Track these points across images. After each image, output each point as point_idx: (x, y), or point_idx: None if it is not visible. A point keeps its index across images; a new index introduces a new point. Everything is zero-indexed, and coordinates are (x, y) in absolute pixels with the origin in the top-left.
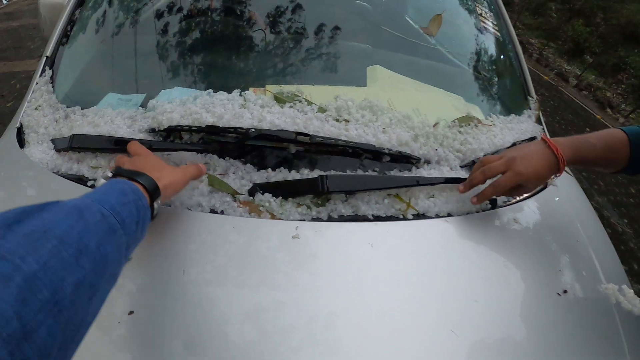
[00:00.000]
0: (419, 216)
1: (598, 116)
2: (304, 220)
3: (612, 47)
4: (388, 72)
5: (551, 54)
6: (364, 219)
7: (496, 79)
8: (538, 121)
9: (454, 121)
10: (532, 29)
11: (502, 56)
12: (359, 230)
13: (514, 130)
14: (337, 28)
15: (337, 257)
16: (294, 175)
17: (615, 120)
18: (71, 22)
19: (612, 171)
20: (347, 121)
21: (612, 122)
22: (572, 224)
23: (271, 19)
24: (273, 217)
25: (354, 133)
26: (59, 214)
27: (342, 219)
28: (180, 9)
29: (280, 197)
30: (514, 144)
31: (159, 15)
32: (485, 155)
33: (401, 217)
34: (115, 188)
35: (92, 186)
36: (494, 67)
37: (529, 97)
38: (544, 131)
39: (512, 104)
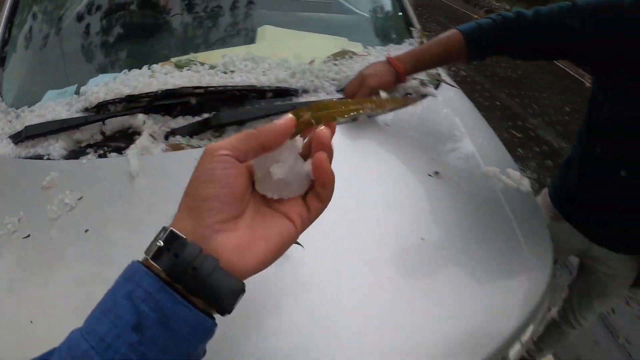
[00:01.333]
0: None
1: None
2: None
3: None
4: (277, 29)
5: None
6: None
7: (379, 17)
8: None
9: (329, 57)
10: None
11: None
12: None
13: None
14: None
15: None
16: (197, 119)
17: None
18: (5, 34)
19: (457, 64)
20: (232, 72)
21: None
22: (452, 122)
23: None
24: (188, 148)
25: (239, 80)
26: None
27: None
28: (97, 9)
29: (188, 137)
30: None
31: (79, 17)
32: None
33: None
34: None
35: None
36: (376, 8)
37: (411, 28)
38: None
39: (394, 36)
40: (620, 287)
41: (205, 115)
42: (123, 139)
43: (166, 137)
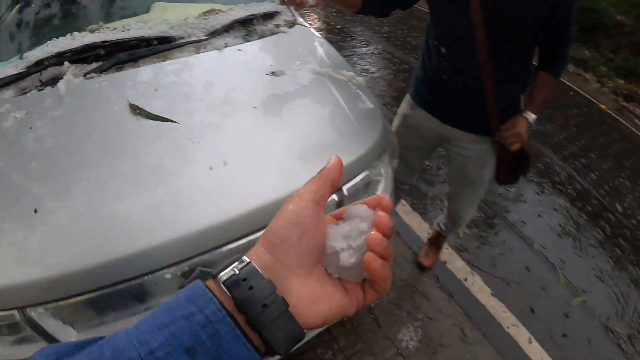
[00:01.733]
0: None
1: None
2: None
3: None
4: (166, 4)
5: None
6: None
7: None
8: (284, 3)
9: (199, 14)
10: None
11: None
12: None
13: (252, 9)
14: None
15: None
16: (107, 64)
17: None
18: None
19: (353, 11)
20: (128, 30)
21: None
22: (296, 46)
23: None
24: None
25: (132, 34)
26: None
27: None
28: None
29: (99, 73)
30: (251, 16)
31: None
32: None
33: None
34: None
35: None
36: None
37: None
38: (290, 10)
39: None
40: (479, 170)
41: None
42: (55, 81)
43: (84, 75)
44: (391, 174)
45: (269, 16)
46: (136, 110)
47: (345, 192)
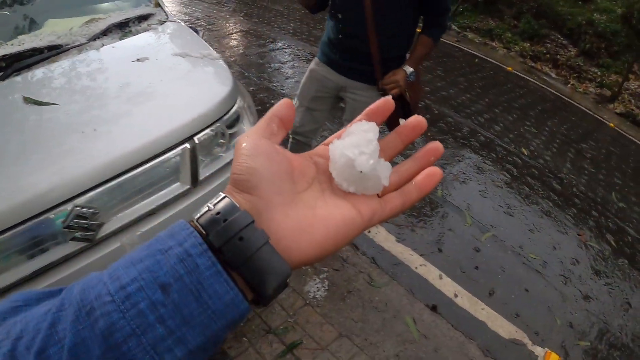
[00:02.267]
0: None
1: None
2: None
3: None
4: (58, 20)
5: None
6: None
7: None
8: (157, 5)
9: (82, 24)
10: None
11: None
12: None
13: (127, 13)
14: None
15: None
16: (6, 73)
17: None
18: None
19: (309, 7)
20: (23, 44)
21: None
22: (165, 38)
23: None
24: None
25: (27, 47)
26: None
27: None
28: None
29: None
30: (126, 19)
31: None
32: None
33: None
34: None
35: None
36: None
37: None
38: (163, 10)
39: (132, 2)
40: None
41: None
42: None
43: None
44: (251, 119)
45: (143, 18)
46: (27, 100)
47: (196, 141)
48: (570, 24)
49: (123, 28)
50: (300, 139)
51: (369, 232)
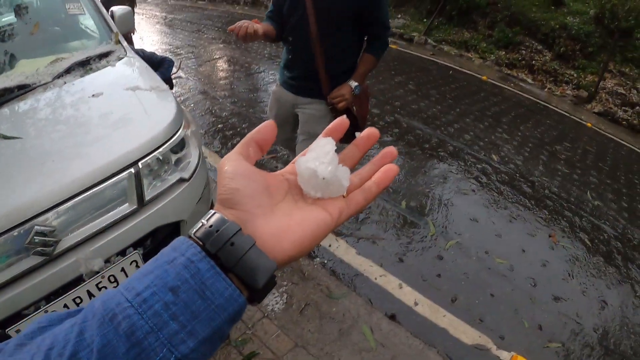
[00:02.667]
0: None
1: None
2: None
3: None
4: (30, 60)
5: None
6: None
7: (86, 35)
8: (117, 43)
9: (48, 64)
10: None
11: (91, 22)
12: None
13: (89, 52)
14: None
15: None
16: None
17: None
18: None
19: (273, 41)
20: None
21: None
22: (121, 73)
23: None
24: None
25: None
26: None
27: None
28: None
29: None
30: (87, 58)
31: None
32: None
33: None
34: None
35: None
36: (82, 29)
37: (112, 33)
38: (123, 47)
39: (96, 41)
40: (314, 125)
41: None
42: None
43: None
44: (196, 144)
45: (104, 55)
46: None
47: (140, 166)
48: (544, 29)
49: (85, 66)
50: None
51: (330, 245)
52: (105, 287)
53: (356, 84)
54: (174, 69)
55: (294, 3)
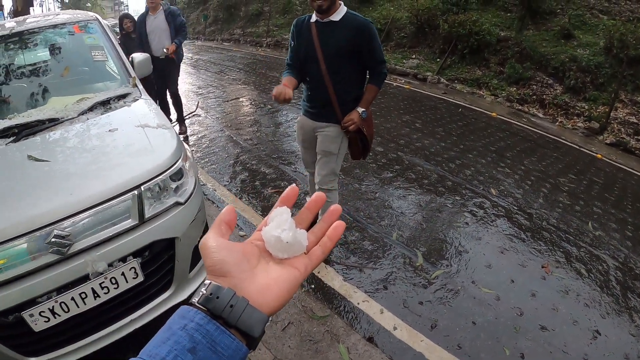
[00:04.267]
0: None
1: None
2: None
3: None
4: (59, 98)
5: None
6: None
7: (109, 78)
8: (134, 86)
9: (75, 102)
10: (283, 26)
11: (113, 67)
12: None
13: (110, 93)
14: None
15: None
16: (18, 137)
17: None
18: None
19: (296, 88)
20: (31, 116)
21: None
22: (134, 113)
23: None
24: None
25: (32, 119)
26: None
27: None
28: None
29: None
30: (108, 98)
31: None
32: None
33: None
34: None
35: None
36: (105, 73)
37: (130, 77)
38: (139, 90)
39: (115, 83)
40: (329, 144)
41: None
42: None
43: (6, 144)
44: (193, 174)
45: (122, 96)
46: (30, 157)
47: (142, 189)
48: (554, 62)
49: (106, 105)
50: (311, 171)
51: (318, 272)
52: (107, 287)
53: (363, 109)
54: (194, 107)
55: (307, 49)
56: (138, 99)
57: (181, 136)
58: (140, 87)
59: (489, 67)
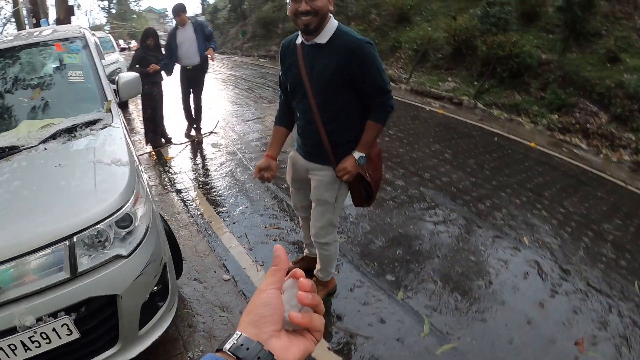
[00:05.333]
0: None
1: None
2: None
3: (387, 34)
4: (29, 121)
5: None
6: None
7: (82, 102)
8: (108, 111)
9: (39, 128)
10: None
11: (89, 89)
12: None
13: (77, 118)
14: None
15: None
16: None
17: (399, 89)
18: None
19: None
20: None
21: (397, 92)
22: (95, 144)
23: None
24: None
25: None
26: None
27: None
28: None
29: None
30: (74, 125)
31: None
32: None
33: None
34: None
35: None
36: (80, 96)
37: (105, 100)
38: (112, 115)
39: (90, 109)
40: (322, 191)
41: None
42: None
43: None
44: (147, 221)
45: (91, 123)
46: None
47: (74, 240)
48: (599, 88)
49: (71, 132)
50: (302, 215)
51: None
52: (39, 342)
53: (361, 154)
54: (213, 126)
55: (293, 79)
56: (107, 127)
57: (194, 140)
58: (115, 111)
59: (529, 92)
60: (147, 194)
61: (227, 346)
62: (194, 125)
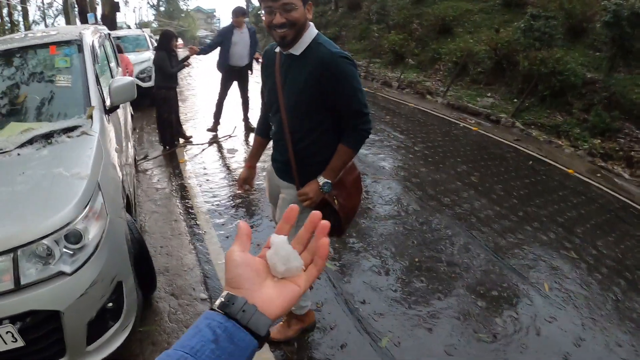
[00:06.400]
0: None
1: (411, 104)
2: None
3: (427, 45)
4: (17, 124)
5: (376, 68)
6: None
7: (66, 107)
8: (89, 117)
9: (20, 132)
10: (359, 52)
11: (75, 94)
12: None
13: (57, 124)
14: None
15: None
16: None
17: (435, 102)
18: None
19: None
20: None
21: (432, 105)
22: (64, 152)
23: None
24: None
25: None
26: None
27: None
28: None
29: None
30: (51, 131)
31: None
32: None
33: None
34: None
35: None
36: (64, 100)
37: (88, 106)
38: (92, 122)
39: (71, 113)
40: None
41: None
42: None
43: None
44: (98, 237)
45: (70, 129)
46: None
47: (18, 253)
48: None
49: (48, 138)
50: None
51: None
52: None
53: (325, 180)
54: (231, 131)
55: (270, 89)
56: (83, 134)
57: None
58: (96, 117)
59: (571, 113)
60: (108, 208)
61: (217, 303)
62: (242, 118)
